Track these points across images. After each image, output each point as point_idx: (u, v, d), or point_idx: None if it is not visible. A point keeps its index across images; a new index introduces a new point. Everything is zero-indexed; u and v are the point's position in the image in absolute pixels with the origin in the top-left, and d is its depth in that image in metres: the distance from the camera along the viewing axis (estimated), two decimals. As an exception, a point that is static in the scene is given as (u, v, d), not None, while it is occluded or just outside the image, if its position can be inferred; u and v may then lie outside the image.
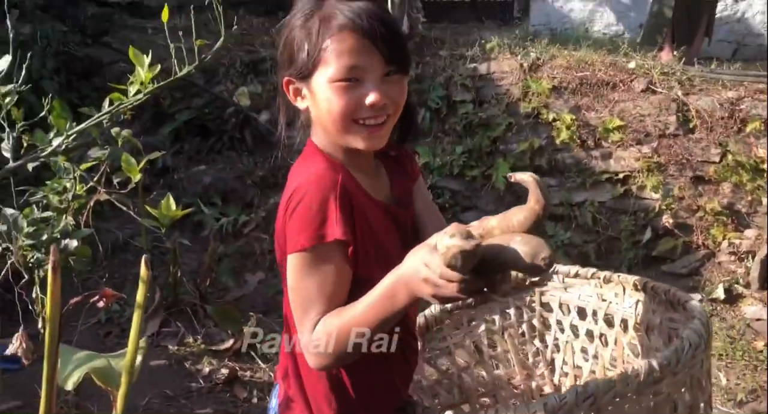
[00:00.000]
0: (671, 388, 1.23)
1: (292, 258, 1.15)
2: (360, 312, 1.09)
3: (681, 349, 1.21)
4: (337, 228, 1.12)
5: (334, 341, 1.10)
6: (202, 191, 4.21)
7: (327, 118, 1.17)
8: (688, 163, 3.43)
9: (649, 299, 1.56)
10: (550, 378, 1.80)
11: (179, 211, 1.94)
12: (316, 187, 1.13)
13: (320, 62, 1.15)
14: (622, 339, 1.64)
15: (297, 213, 1.13)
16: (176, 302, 3.56)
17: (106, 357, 1.74)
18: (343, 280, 1.15)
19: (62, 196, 2.22)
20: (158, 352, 3.33)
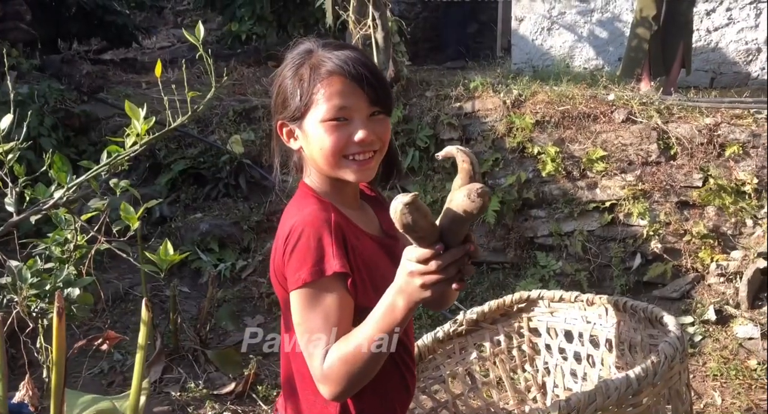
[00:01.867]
0: (651, 400, 1.30)
1: (295, 295, 1.22)
2: (367, 332, 1.16)
3: (657, 363, 1.29)
4: (335, 261, 1.20)
5: (346, 366, 1.17)
6: (199, 238, 4.29)
7: (319, 155, 1.26)
8: (671, 188, 3.52)
9: (629, 318, 1.63)
10: (543, 401, 1.86)
11: (177, 255, 2.01)
12: (311, 225, 1.22)
13: (312, 104, 1.26)
14: (607, 359, 1.71)
15: (296, 251, 1.21)
16: (177, 349, 3.60)
17: (110, 399, 1.80)
18: (346, 309, 1.23)
19: (64, 247, 2.30)
20: (161, 398, 3.36)
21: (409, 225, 1.06)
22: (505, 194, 3.70)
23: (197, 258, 4.25)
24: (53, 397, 1.62)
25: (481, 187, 1.10)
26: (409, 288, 1.11)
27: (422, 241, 1.09)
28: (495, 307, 1.86)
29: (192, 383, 3.40)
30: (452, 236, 1.11)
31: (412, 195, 1.07)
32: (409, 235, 1.08)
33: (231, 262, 4.18)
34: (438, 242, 1.09)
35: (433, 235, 1.10)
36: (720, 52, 5.02)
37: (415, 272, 1.09)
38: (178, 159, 4.67)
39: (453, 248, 1.10)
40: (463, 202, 1.09)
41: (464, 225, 1.11)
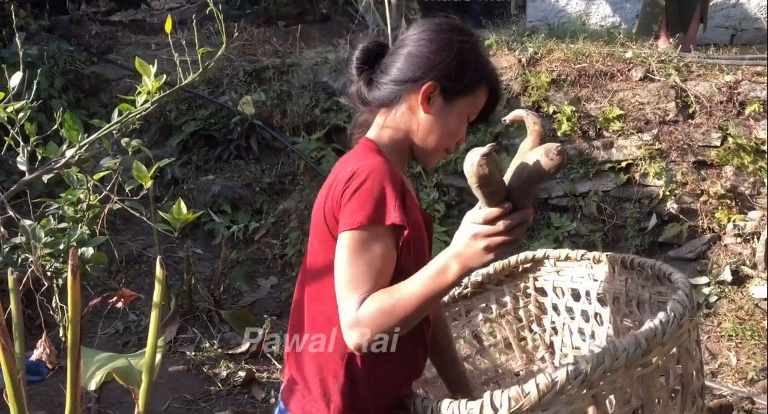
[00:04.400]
0: (661, 359, 1.27)
1: (346, 236, 1.20)
2: (411, 289, 1.15)
3: (666, 321, 1.26)
4: (396, 213, 1.19)
5: (384, 317, 1.15)
6: (211, 200, 4.28)
7: (436, 135, 1.30)
8: (689, 148, 3.46)
9: (637, 275, 1.61)
10: (551, 361, 1.85)
11: (190, 214, 1.99)
12: (378, 172, 1.21)
13: (473, 93, 1.31)
14: (616, 317, 1.69)
15: (358, 194, 1.19)
16: (192, 309, 3.63)
17: (126, 357, 1.80)
18: (391, 263, 1.21)
19: (77, 207, 2.29)
20: (176, 358, 3.39)
21: (485, 177, 1.04)
22: (519, 154, 3.65)
23: (210, 220, 4.24)
24: (69, 354, 1.62)
25: (560, 145, 1.08)
26: (470, 251, 1.09)
27: (493, 197, 1.07)
28: (500, 269, 1.83)
29: (207, 343, 3.43)
30: (521, 197, 1.09)
31: (489, 146, 1.05)
32: (482, 189, 1.06)
33: (244, 224, 4.17)
34: (506, 201, 1.07)
35: (502, 192, 1.08)
36: (741, 8, 4.89)
37: (480, 234, 1.08)
38: (188, 120, 4.63)
39: (522, 211, 1.08)
40: (542, 160, 1.06)
41: (536, 185, 1.09)
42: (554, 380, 1.15)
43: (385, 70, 1.33)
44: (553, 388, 1.15)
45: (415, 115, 1.31)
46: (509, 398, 1.15)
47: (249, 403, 3.02)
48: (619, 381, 1.22)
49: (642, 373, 1.24)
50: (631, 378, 1.23)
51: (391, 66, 1.32)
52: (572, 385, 1.15)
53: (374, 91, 1.33)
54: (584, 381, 1.16)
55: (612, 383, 1.21)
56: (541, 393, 1.14)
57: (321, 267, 1.30)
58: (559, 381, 1.15)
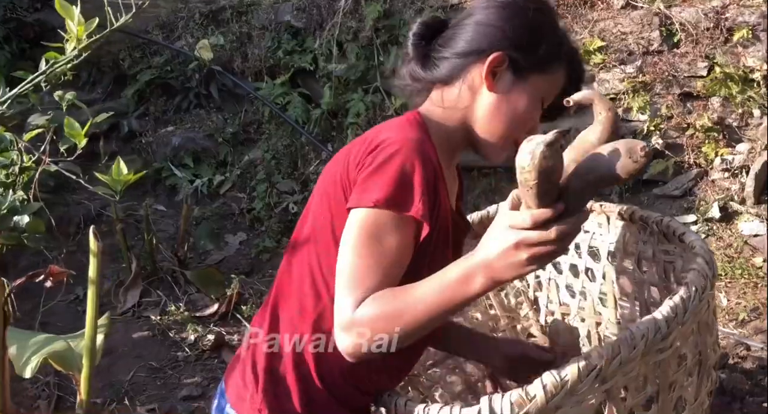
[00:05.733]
0: (679, 339, 1.11)
1: (358, 214, 0.99)
2: (423, 295, 0.94)
3: (687, 297, 1.08)
4: (419, 205, 0.98)
5: (382, 323, 0.95)
6: (171, 153, 4.04)
7: (498, 119, 1.10)
8: (674, 79, 3.27)
9: (637, 229, 1.43)
10: (536, 318, 1.69)
11: (131, 175, 1.78)
12: (412, 151, 0.99)
13: (548, 71, 1.11)
14: (611, 273, 1.52)
15: (382, 169, 0.98)
16: (155, 271, 3.43)
17: (65, 339, 1.61)
18: (405, 261, 1.01)
19: (8, 170, 2.06)
20: (141, 323, 3.21)
21: (547, 173, 0.84)
22: (495, 93, 3.43)
23: (171, 174, 4.01)
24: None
25: (645, 144, 0.88)
26: (506, 262, 0.89)
27: (545, 197, 0.86)
28: (478, 221, 1.65)
29: (172, 306, 3.25)
30: (577, 201, 0.89)
31: (556, 133, 0.84)
32: (538, 188, 0.85)
33: (207, 178, 3.95)
34: (558, 202, 0.88)
35: (556, 192, 0.88)
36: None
37: (525, 242, 0.88)
38: (143, 69, 4.34)
39: (578, 213, 0.89)
40: (623, 162, 0.87)
41: (599, 188, 0.91)
42: (564, 379, 0.98)
43: (445, 44, 1.11)
44: (562, 388, 0.98)
45: (478, 95, 1.09)
46: (511, 404, 0.97)
47: (220, 368, 2.85)
48: (634, 370, 1.05)
49: (660, 359, 1.07)
50: (647, 365, 1.07)
51: (452, 38, 1.11)
52: (584, 382, 0.98)
53: (430, 69, 1.11)
54: (598, 376, 0.99)
55: (627, 374, 1.04)
56: (548, 395, 0.97)
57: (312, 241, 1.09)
58: (569, 380, 0.98)
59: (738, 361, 2.26)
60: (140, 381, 2.86)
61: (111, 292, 3.46)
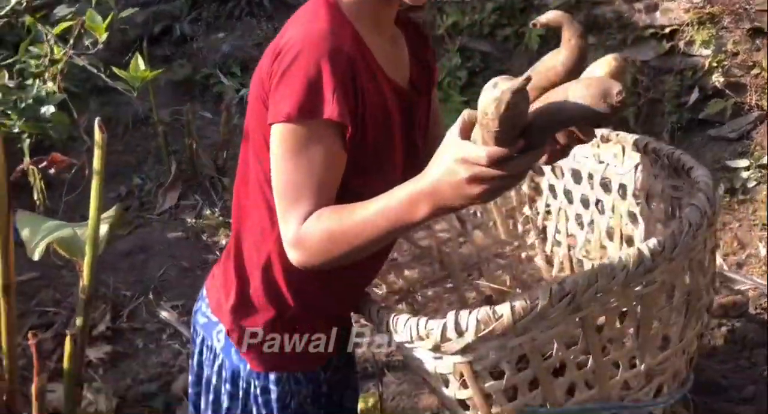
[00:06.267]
0: (666, 275, 1.05)
1: (276, 130, 0.96)
2: (367, 217, 0.92)
3: (678, 232, 1.02)
4: (333, 106, 0.93)
5: (330, 242, 0.94)
6: (221, 60, 4.03)
7: None
8: (745, 12, 3.04)
9: (650, 162, 1.35)
10: (542, 247, 1.65)
11: (148, 72, 1.77)
12: (314, 49, 0.93)
13: None
14: (620, 206, 1.45)
15: (287, 76, 0.94)
16: (195, 175, 3.49)
17: (72, 227, 1.65)
18: (337, 166, 0.98)
19: (38, 61, 2.09)
20: (176, 224, 3.30)
21: (512, 118, 0.78)
22: (551, 16, 3.27)
23: (219, 81, 4.02)
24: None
25: (621, 88, 0.80)
26: (455, 194, 0.85)
27: (506, 138, 0.81)
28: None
29: (208, 210, 3.32)
30: (539, 137, 0.83)
31: (524, 79, 0.77)
32: (500, 131, 0.80)
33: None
34: (518, 139, 0.82)
35: (518, 133, 0.82)
36: None
37: (479, 177, 0.82)
38: (198, -28, 4.29)
39: (535, 149, 0.83)
40: (596, 104, 0.79)
41: (573, 127, 0.85)
42: (533, 303, 0.95)
43: None
44: (531, 311, 0.95)
45: None
46: (477, 321, 0.96)
47: (245, 274, 2.92)
48: (613, 301, 1.01)
49: (642, 293, 1.02)
50: (628, 298, 1.02)
51: None
52: (555, 308, 0.95)
53: None
54: (571, 303, 0.96)
55: (604, 305, 1.01)
56: (516, 316, 0.95)
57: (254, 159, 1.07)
58: (539, 304, 0.95)
59: (759, 312, 2.17)
60: (170, 279, 2.96)
61: (152, 192, 3.55)
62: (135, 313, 2.71)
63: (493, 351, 1.00)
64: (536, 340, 1.01)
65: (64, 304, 2.73)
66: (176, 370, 2.38)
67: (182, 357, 2.43)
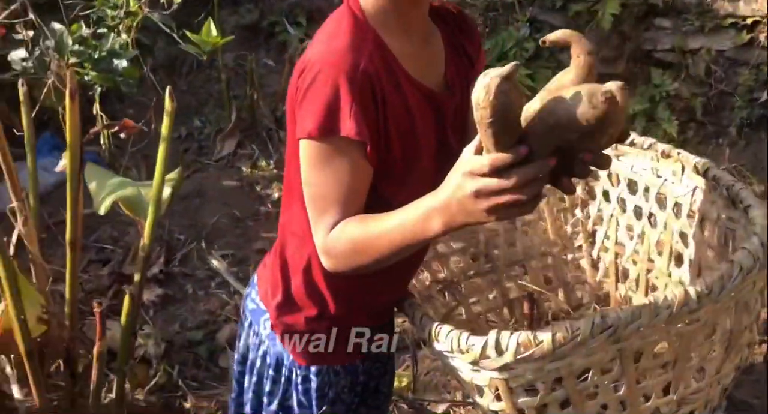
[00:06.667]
0: (709, 315, 1.06)
1: (303, 144, 1.01)
2: (386, 230, 0.97)
3: (728, 276, 1.02)
4: (351, 123, 0.96)
5: (353, 253, 1.00)
6: (288, 9, 4.03)
7: None
8: (834, 11, 2.91)
9: (708, 188, 1.34)
10: (589, 251, 1.66)
11: (219, 38, 1.80)
12: (332, 68, 0.97)
13: None
14: (673, 224, 1.45)
15: (309, 94, 0.98)
16: (253, 124, 3.55)
17: (137, 186, 1.73)
18: (363, 178, 1.02)
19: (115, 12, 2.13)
20: (231, 172, 3.38)
21: (503, 109, 0.79)
22: (627, -4, 3.17)
23: (284, 30, 4.02)
24: (69, 178, 1.55)
25: (609, 90, 0.80)
26: (464, 210, 0.87)
27: (504, 138, 0.82)
28: (551, 143, 1.59)
29: (263, 161, 3.38)
30: (540, 146, 0.84)
31: (513, 66, 0.79)
32: (494, 127, 0.81)
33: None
34: (520, 145, 0.83)
35: (516, 133, 0.83)
36: None
37: (484, 190, 0.83)
38: None
39: (542, 159, 0.83)
40: (581, 107, 0.80)
41: (566, 135, 0.83)
42: (574, 333, 0.98)
43: None
44: (572, 340, 0.98)
45: None
46: (518, 343, 0.99)
47: (294, 229, 3.00)
48: (653, 336, 1.03)
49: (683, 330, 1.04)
50: (669, 333, 1.04)
51: None
52: (596, 339, 0.98)
53: None
54: (611, 336, 0.98)
55: (644, 338, 1.03)
56: (556, 344, 0.98)
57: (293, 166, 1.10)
58: (580, 335, 0.98)
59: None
60: (222, 227, 3.05)
61: (210, 137, 3.63)
62: (187, 258, 2.82)
63: (530, 372, 1.04)
64: (573, 366, 1.04)
65: (120, 242, 2.85)
66: (222, 320, 2.48)
67: (228, 307, 2.53)
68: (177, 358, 2.25)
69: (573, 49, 0.91)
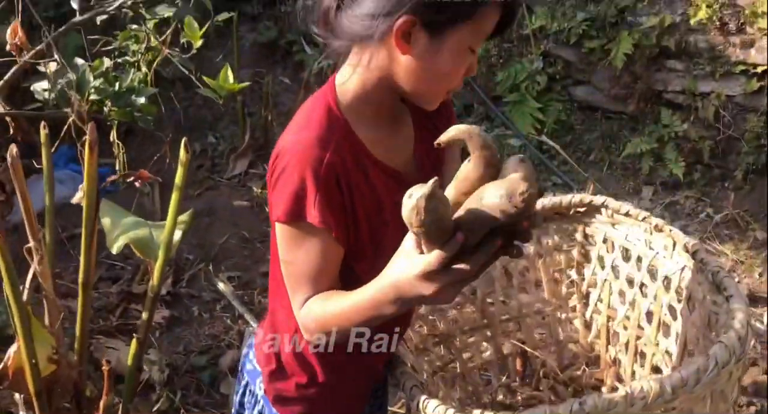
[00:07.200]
0: (685, 403, 1.11)
1: (277, 226, 1.09)
2: (345, 310, 1.03)
3: (704, 369, 1.08)
4: (315, 212, 1.03)
5: (321, 328, 1.07)
6: (305, 29, 4.08)
7: (421, 80, 1.05)
8: None
9: (696, 269, 1.39)
10: (582, 312, 1.71)
11: (236, 85, 1.86)
12: (299, 161, 1.03)
13: (471, 19, 1.01)
14: (662, 296, 1.50)
15: (279, 182, 1.05)
16: (266, 145, 3.61)
17: (149, 227, 1.79)
18: (331, 258, 1.08)
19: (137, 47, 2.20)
20: (243, 192, 3.44)
21: (435, 222, 0.86)
22: (642, 37, 3.21)
23: (302, 49, 4.09)
24: (84, 226, 1.61)
25: (528, 189, 0.85)
26: (412, 293, 0.93)
27: (439, 240, 0.88)
28: (549, 206, 1.63)
29: (274, 183, 3.44)
30: (473, 235, 0.90)
31: (432, 183, 0.85)
32: (428, 234, 0.87)
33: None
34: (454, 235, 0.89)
35: (450, 228, 0.89)
36: None
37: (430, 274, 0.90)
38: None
39: (482, 249, 0.89)
40: (501, 203, 0.86)
41: (491, 226, 0.89)
42: None
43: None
44: None
45: (395, 58, 1.03)
46: None
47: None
48: None
49: (657, 417, 1.09)
50: (643, 419, 1.09)
51: None
52: None
53: (344, 22, 1.04)
54: None
55: None
56: None
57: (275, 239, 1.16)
58: None
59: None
60: (230, 247, 3.11)
61: (224, 154, 3.70)
62: (194, 279, 2.89)
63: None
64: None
65: (131, 260, 2.91)
66: (225, 345, 2.54)
67: (232, 332, 2.59)
68: (180, 383, 2.32)
69: (468, 146, 0.94)
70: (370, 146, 1.11)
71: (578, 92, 3.57)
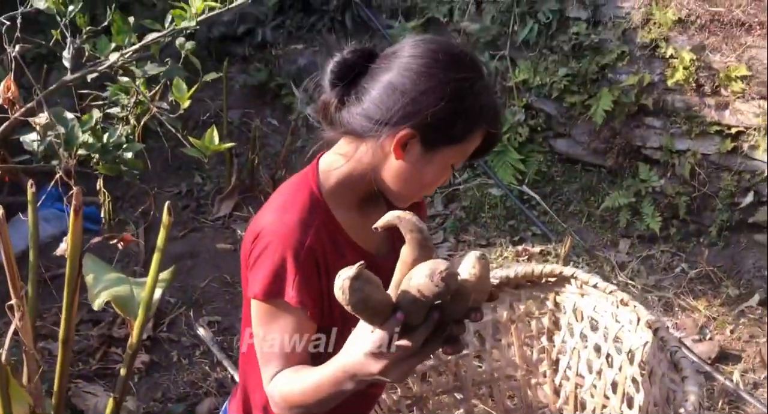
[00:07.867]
0: None
1: (253, 303, 1.13)
2: (308, 388, 1.06)
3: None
4: (293, 292, 1.08)
5: (286, 403, 1.10)
6: (295, 72, 4.16)
7: (405, 184, 1.14)
8: (815, 128, 3.03)
9: (657, 346, 1.44)
10: (552, 378, 1.76)
11: (221, 145, 1.91)
12: (280, 242, 1.09)
13: (459, 143, 1.12)
14: (627, 368, 1.56)
15: (259, 261, 1.10)
16: (252, 187, 3.65)
17: (131, 284, 1.82)
18: (303, 335, 1.12)
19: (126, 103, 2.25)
20: (227, 235, 3.48)
21: (362, 302, 0.91)
22: (621, 94, 3.30)
23: (290, 92, 4.16)
24: (66, 290, 1.65)
25: (447, 269, 0.91)
26: (363, 371, 0.98)
27: (378, 317, 0.94)
28: (522, 274, 1.70)
29: (258, 226, 3.47)
30: (411, 314, 0.95)
31: (358, 266, 0.91)
32: (362, 314, 0.93)
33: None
34: (394, 313, 0.94)
35: (389, 308, 0.94)
36: None
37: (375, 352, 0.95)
38: (289, -19, 4.40)
39: (421, 326, 0.94)
40: (425, 284, 0.92)
41: (426, 306, 0.94)
42: None
43: (360, 96, 1.10)
44: None
45: (386, 159, 1.12)
46: None
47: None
48: None
49: None
50: None
51: (367, 93, 1.09)
52: None
53: (344, 116, 1.11)
54: None
55: None
56: None
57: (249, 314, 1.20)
58: None
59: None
60: (212, 291, 3.14)
61: (210, 195, 3.74)
62: (175, 323, 2.91)
63: None
64: None
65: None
66: (203, 392, 2.56)
67: (210, 379, 2.61)
68: (156, 433, 2.34)
69: (401, 230, 1.00)
70: (347, 229, 1.17)
71: (559, 145, 3.65)
